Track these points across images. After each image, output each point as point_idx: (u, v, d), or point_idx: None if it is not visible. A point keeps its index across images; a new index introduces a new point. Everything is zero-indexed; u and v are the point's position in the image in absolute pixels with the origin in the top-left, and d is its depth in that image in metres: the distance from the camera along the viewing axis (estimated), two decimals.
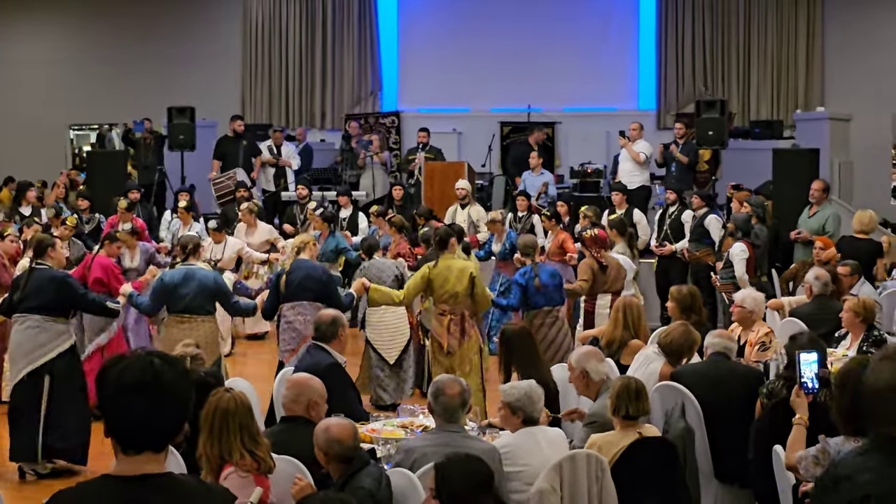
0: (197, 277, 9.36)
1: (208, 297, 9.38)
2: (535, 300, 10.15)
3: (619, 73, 21.03)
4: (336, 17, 21.82)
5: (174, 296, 9.34)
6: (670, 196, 14.49)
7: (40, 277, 8.96)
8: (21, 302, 8.95)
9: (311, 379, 6.29)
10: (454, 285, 9.59)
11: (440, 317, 9.65)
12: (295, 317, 9.45)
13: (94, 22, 22.78)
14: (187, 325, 9.26)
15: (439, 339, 9.61)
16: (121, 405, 2.91)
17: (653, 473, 6.15)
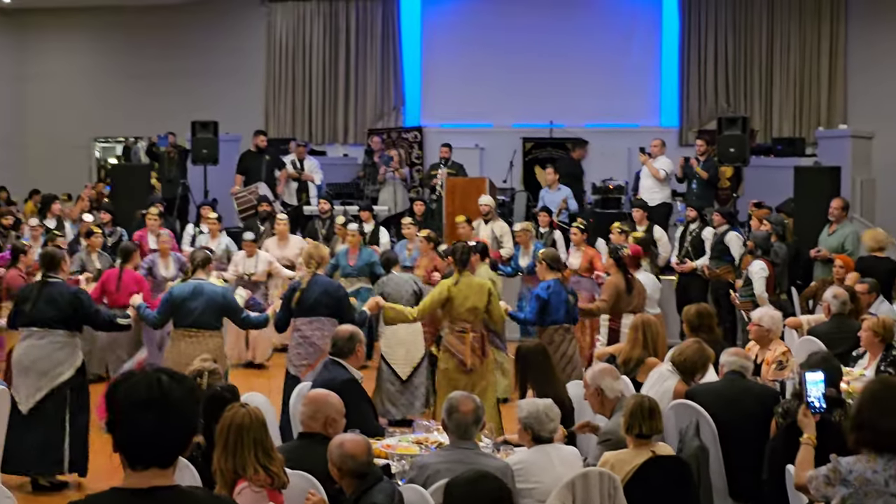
0: (206, 292, 9.37)
1: (216, 312, 9.38)
2: (555, 316, 10.01)
3: (642, 89, 21.02)
4: (359, 33, 21.91)
5: (182, 310, 9.34)
6: (691, 213, 14.49)
7: (53, 291, 8.97)
8: (34, 315, 8.94)
9: (329, 395, 6.32)
10: (475, 302, 9.63)
11: (460, 334, 9.64)
12: (312, 332, 9.42)
13: (120, 37, 22.95)
14: (194, 339, 9.27)
15: (460, 356, 9.61)
16: (129, 421, 2.94)
17: (666, 492, 6.13)
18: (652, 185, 16.43)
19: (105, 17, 22.96)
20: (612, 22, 21.14)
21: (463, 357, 9.61)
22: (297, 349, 9.47)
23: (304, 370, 9.25)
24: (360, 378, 7.67)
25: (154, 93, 22.30)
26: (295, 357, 9.48)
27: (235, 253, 14.05)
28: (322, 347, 9.25)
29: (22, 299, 9.12)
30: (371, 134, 20.74)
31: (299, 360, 9.42)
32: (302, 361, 9.39)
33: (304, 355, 9.42)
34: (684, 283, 14.26)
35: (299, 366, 9.39)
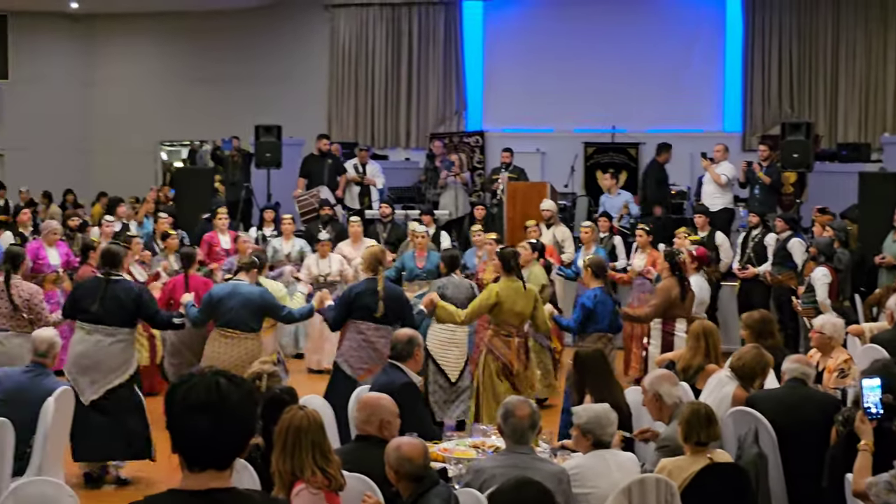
0: (242, 292, 9.46)
1: (253, 312, 9.44)
2: (600, 325, 9.97)
3: (705, 94, 20.90)
4: (422, 37, 21.99)
5: (219, 309, 9.44)
6: (753, 219, 14.39)
7: (118, 290, 9.11)
8: (100, 314, 9.05)
9: (381, 398, 6.35)
10: (522, 307, 9.66)
11: (506, 338, 9.66)
12: (378, 338, 9.38)
13: (185, 42, 23.22)
14: (230, 339, 9.38)
15: (505, 360, 9.63)
16: (186, 424, 2.97)
17: (723, 499, 6.10)
18: (714, 191, 16.31)
19: (170, 23, 23.22)
20: (676, 26, 21.03)
21: (508, 361, 9.62)
22: (359, 352, 9.44)
23: (363, 374, 9.26)
24: (418, 382, 7.70)
25: (218, 97, 22.52)
26: (355, 360, 9.45)
27: (308, 255, 14.12)
28: (384, 353, 9.18)
29: (83, 295, 9.23)
30: (433, 138, 20.79)
31: (359, 363, 9.41)
32: (362, 365, 9.38)
33: (366, 359, 9.41)
34: (746, 289, 14.16)
35: (358, 368, 9.38)
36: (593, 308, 9.91)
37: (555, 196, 16.32)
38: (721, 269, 14.33)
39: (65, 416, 7.95)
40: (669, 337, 10.61)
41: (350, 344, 9.54)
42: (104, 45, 23.85)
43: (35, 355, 8.05)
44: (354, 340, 9.52)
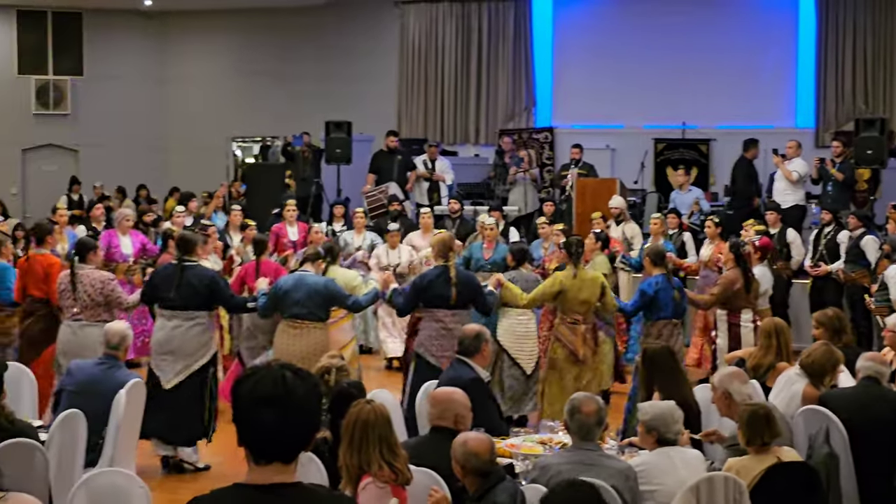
0: (307, 283, 9.51)
1: (319, 303, 9.48)
2: (664, 312, 9.99)
3: (777, 90, 20.67)
4: (491, 34, 21.97)
5: (285, 301, 9.50)
6: (826, 216, 14.22)
7: (192, 275, 9.29)
8: (176, 300, 9.25)
9: (455, 392, 6.36)
10: (587, 295, 9.70)
11: (573, 325, 9.73)
12: (455, 324, 9.34)
13: (257, 39, 23.38)
14: (297, 331, 9.44)
15: (572, 346, 9.64)
16: (252, 417, 2.99)
17: (793, 499, 6.05)
18: (785, 188, 16.14)
19: (242, 20, 23.41)
20: (748, 22, 20.81)
21: (574, 348, 9.68)
22: (440, 340, 9.41)
23: (446, 361, 9.21)
24: (486, 377, 7.70)
25: (289, 94, 22.66)
26: (436, 348, 9.43)
27: (378, 245, 14.16)
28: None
29: (160, 282, 9.42)
30: (502, 134, 20.77)
31: (441, 351, 9.37)
32: (444, 353, 9.33)
33: (447, 346, 9.34)
34: (818, 287, 13.99)
35: (441, 357, 9.34)
36: (654, 295, 9.92)
37: (624, 192, 16.24)
38: (792, 267, 14.19)
39: (136, 408, 8.05)
40: (736, 329, 10.66)
41: (429, 333, 9.55)
42: (177, 43, 24.09)
43: (107, 348, 8.15)
44: (433, 329, 9.53)
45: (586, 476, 5.68)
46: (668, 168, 20.06)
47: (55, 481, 6.55)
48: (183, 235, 9.78)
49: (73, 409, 7.20)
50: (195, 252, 9.50)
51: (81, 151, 23.44)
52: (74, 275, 9.53)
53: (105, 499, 5.74)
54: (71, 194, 20.85)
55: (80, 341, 9.34)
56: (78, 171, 22.60)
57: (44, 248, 10.35)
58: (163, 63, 24.04)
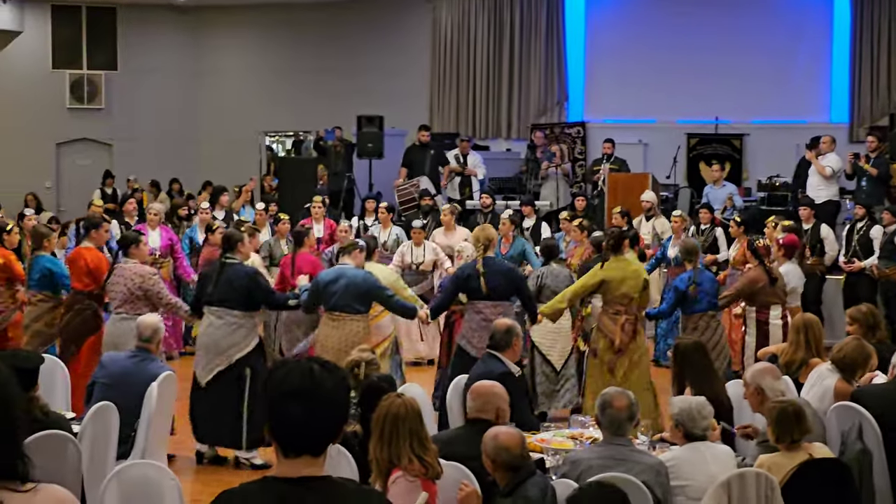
0: (347, 276, 9.53)
1: (357, 296, 9.48)
2: (699, 305, 10.12)
3: (811, 84, 20.54)
4: (524, 28, 21.93)
5: (325, 293, 9.54)
6: (859, 211, 14.12)
7: (232, 273, 9.31)
8: (213, 295, 9.30)
9: (495, 385, 6.37)
10: (629, 288, 9.68)
11: (615, 316, 9.72)
12: (496, 316, 9.29)
13: (289, 34, 23.43)
14: (337, 322, 9.45)
15: (611, 335, 9.67)
16: (281, 410, 3.00)
17: (825, 495, 6.01)
18: (818, 183, 16.04)
19: (275, 14, 23.47)
20: (782, 16, 20.70)
21: (613, 336, 9.68)
22: (480, 332, 9.37)
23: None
24: (516, 372, 7.70)
25: (322, 88, 22.70)
26: (477, 339, 9.40)
27: (403, 243, 14.16)
28: None
29: (204, 279, 9.52)
30: (534, 129, 20.74)
31: (481, 343, 9.25)
32: (484, 344, 9.31)
33: (487, 338, 9.41)
34: (852, 283, 13.90)
35: (481, 348, 9.15)
36: (686, 291, 10.07)
37: (657, 188, 16.19)
38: (826, 263, 14.10)
39: (168, 400, 8.10)
40: (765, 326, 10.67)
41: (470, 325, 9.59)
42: (210, 37, 24.17)
43: (140, 340, 8.20)
44: (474, 321, 9.56)
45: (617, 471, 5.68)
46: (700, 163, 19.99)
47: (87, 473, 6.58)
48: (226, 233, 9.81)
49: (105, 402, 7.24)
50: (237, 249, 9.50)
51: (115, 145, 23.57)
52: (112, 268, 9.59)
53: (136, 490, 5.78)
54: (104, 188, 20.97)
55: (118, 333, 9.38)
56: (112, 165, 22.73)
57: (89, 242, 10.33)
58: (196, 57, 24.13)
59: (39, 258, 10.54)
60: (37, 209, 19.78)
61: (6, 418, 2.84)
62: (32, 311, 10.44)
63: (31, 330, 10.35)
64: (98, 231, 10.45)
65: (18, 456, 2.85)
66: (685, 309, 10.19)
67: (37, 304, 10.43)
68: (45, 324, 10.36)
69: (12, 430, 2.86)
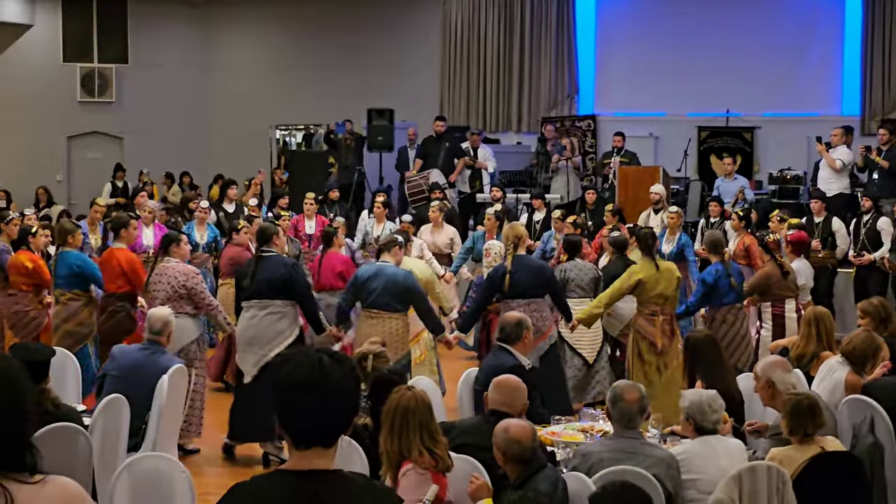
0: (386, 274, 9.51)
1: (395, 295, 9.46)
2: (726, 298, 10.21)
3: (822, 77, 20.46)
4: (534, 22, 21.88)
5: (364, 290, 9.53)
6: (865, 203, 14.09)
7: (269, 264, 9.27)
8: (252, 289, 9.23)
9: (518, 380, 6.36)
10: (663, 288, 9.79)
11: (651, 317, 9.82)
12: (531, 314, 9.26)
13: (300, 27, 23.41)
14: (375, 320, 9.45)
15: (651, 338, 9.76)
16: (291, 401, 3.01)
17: (836, 489, 6.00)
18: (829, 176, 15.98)
19: (286, 8, 23.45)
20: (793, 9, 20.63)
21: (654, 339, 9.76)
22: None
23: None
24: (527, 365, 7.69)
25: (332, 81, 22.67)
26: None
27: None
28: (541, 328, 9.49)
29: (239, 276, 9.45)
30: (545, 122, 20.71)
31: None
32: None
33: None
34: (863, 276, 13.86)
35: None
36: (714, 283, 10.16)
37: (667, 180, 16.16)
38: (837, 256, 14.05)
39: (179, 393, 8.10)
40: (780, 319, 10.70)
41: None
42: (221, 31, 24.17)
43: (150, 333, 8.20)
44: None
45: (628, 464, 5.67)
46: (711, 156, 19.94)
47: (98, 465, 6.60)
48: (262, 226, 9.76)
49: (116, 394, 7.25)
50: (273, 242, 9.46)
51: (126, 139, 23.58)
52: (153, 268, 9.52)
53: (147, 483, 5.79)
54: (115, 181, 20.98)
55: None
56: (122, 158, 22.74)
57: (120, 242, 10.26)
58: (207, 51, 24.14)
59: (66, 254, 10.28)
60: (48, 202, 19.84)
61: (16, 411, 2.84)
62: (61, 310, 10.18)
63: (62, 331, 10.08)
64: (128, 230, 10.36)
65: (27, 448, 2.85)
66: (714, 301, 10.25)
67: (66, 304, 10.18)
68: (76, 323, 10.11)
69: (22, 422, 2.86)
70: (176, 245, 9.65)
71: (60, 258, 10.27)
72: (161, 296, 9.41)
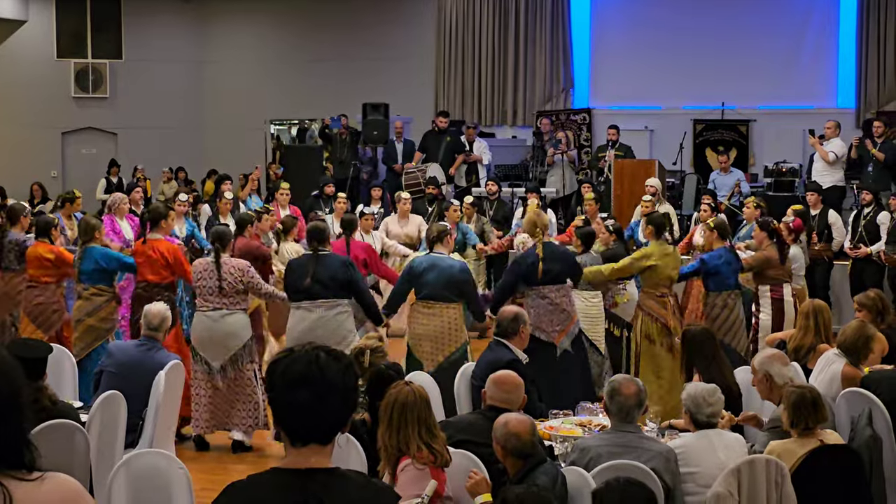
0: (441, 266, 9.54)
1: (451, 285, 9.51)
2: (728, 282, 10.32)
3: (818, 69, 20.47)
4: (529, 15, 21.86)
5: (419, 281, 9.56)
6: (866, 197, 14.08)
7: (329, 263, 9.29)
8: (313, 289, 9.21)
9: (517, 376, 6.36)
10: (672, 270, 9.94)
11: (661, 299, 9.97)
12: (561, 298, 9.53)
13: (293, 22, 23.39)
14: (432, 310, 9.47)
15: (663, 320, 9.87)
16: (287, 397, 2.99)
17: (835, 482, 5.99)
18: (823, 168, 16.02)
19: (279, 3, 23.42)
20: (788, 2, 20.64)
21: (666, 321, 9.91)
22: (549, 316, 9.51)
23: (559, 335, 9.47)
24: (524, 359, 7.68)
25: (327, 76, 22.65)
26: (546, 324, 9.51)
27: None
28: (570, 313, 9.58)
29: (294, 275, 9.36)
30: (540, 116, 20.69)
31: (552, 327, 9.50)
32: (555, 327, 9.51)
33: (557, 321, 9.53)
34: (859, 269, 13.87)
35: (552, 332, 9.49)
36: (718, 267, 10.23)
37: (663, 174, 16.14)
38: (833, 248, 14.05)
39: (175, 389, 8.08)
40: (780, 304, 10.81)
41: (538, 311, 9.56)
42: (214, 26, 24.12)
43: (147, 329, 8.17)
44: (540, 306, 9.57)
45: (626, 458, 5.66)
46: (707, 149, 19.93)
47: (96, 462, 6.59)
48: (315, 225, 9.68)
49: (113, 391, 7.23)
50: (327, 241, 9.48)
51: (120, 134, 23.55)
52: (219, 264, 9.42)
53: (145, 479, 5.77)
54: (109, 177, 20.95)
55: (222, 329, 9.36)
56: (117, 153, 22.73)
57: (158, 232, 10.13)
58: (201, 46, 24.09)
59: (91, 250, 10.04)
60: (42, 198, 19.78)
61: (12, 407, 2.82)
62: (85, 305, 9.99)
63: (84, 325, 9.91)
64: (167, 221, 10.27)
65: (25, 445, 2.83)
66: (718, 285, 10.29)
67: (90, 299, 9.97)
68: (99, 319, 9.92)
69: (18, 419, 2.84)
70: (230, 241, 9.70)
71: (86, 253, 10.06)
72: (214, 290, 9.39)
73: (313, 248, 9.39)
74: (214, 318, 9.39)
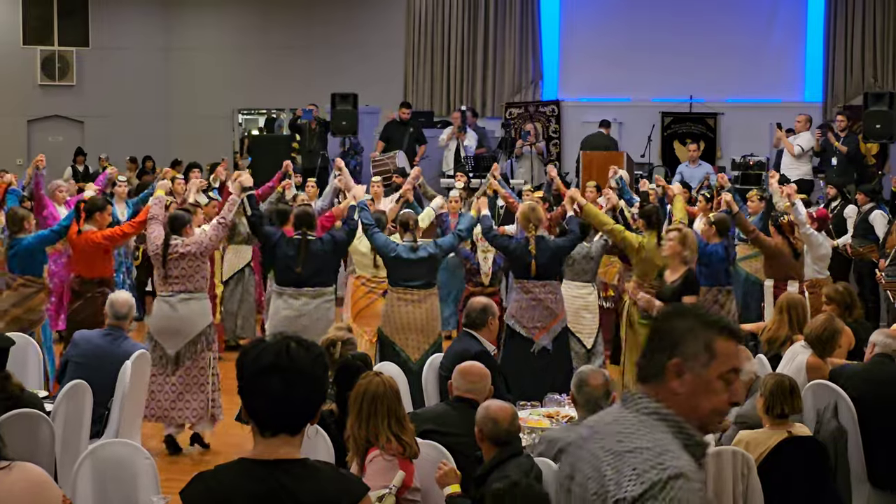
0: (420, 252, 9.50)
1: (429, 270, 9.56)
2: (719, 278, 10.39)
3: (785, 63, 20.58)
4: (498, 6, 21.84)
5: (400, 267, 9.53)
6: (830, 191, 14.17)
7: (315, 247, 9.28)
8: (302, 276, 9.19)
9: (482, 367, 6.35)
10: (659, 260, 9.90)
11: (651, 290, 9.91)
12: (546, 295, 9.50)
13: (262, 11, 23.27)
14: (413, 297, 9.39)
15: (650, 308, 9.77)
16: (257, 386, 2.98)
17: (801, 473, 6.03)
18: (790, 162, 16.14)
19: None
20: None
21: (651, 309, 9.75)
22: (531, 311, 9.49)
23: (538, 332, 9.45)
24: (492, 350, 7.69)
25: (295, 65, 22.58)
26: (526, 319, 9.49)
27: None
28: (556, 311, 9.53)
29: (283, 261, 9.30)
30: (509, 107, 20.70)
31: (532, 322, 9.47)
32: (536, 324, 9.48)
33: (538, 318, 9.50)
34: None
35: (532, 328, 9.47)
36: (710, 257, 10.30)
37: (631, 166, 16.19)
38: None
39: (142, 379, 8.04)
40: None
41: (520, 304, 9.57)
42: (182, 14, 23.96)
43: (113, 318, 8.09)
44: (523, 300, 9.56)
45: None
46: (675, 142, 20.00)
47: (61, 452, 6.55)
48: (303, 210, 9.58)
49: (78, 380, 7.18)
50: (315, 226, 9.47)
51: (87, 122, 23.38)
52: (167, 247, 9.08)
53: (110, 470, 5.73)
54: (76, 165, 20.81)
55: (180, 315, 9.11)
56: (83, 142, 22.56)
57: (93, 224, 9.91)
58: (168, 34, 23.93)
59: (19, 240, 9.88)
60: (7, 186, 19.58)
61: None
62: (11, 295, 9.82)
63: (10, 315, 9.70)
64: (102, 214, 10.07)
65: None
66: (709, 279, 10.29)
67: (17, 289, 9.79)
68: (26, 310, 9.74)
69: None
70: (189, 227, 9.35)
71: (14, 244, 9.92)
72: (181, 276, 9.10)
73: (302, 234, 9.32)
74: (172, 303, 9.12)
